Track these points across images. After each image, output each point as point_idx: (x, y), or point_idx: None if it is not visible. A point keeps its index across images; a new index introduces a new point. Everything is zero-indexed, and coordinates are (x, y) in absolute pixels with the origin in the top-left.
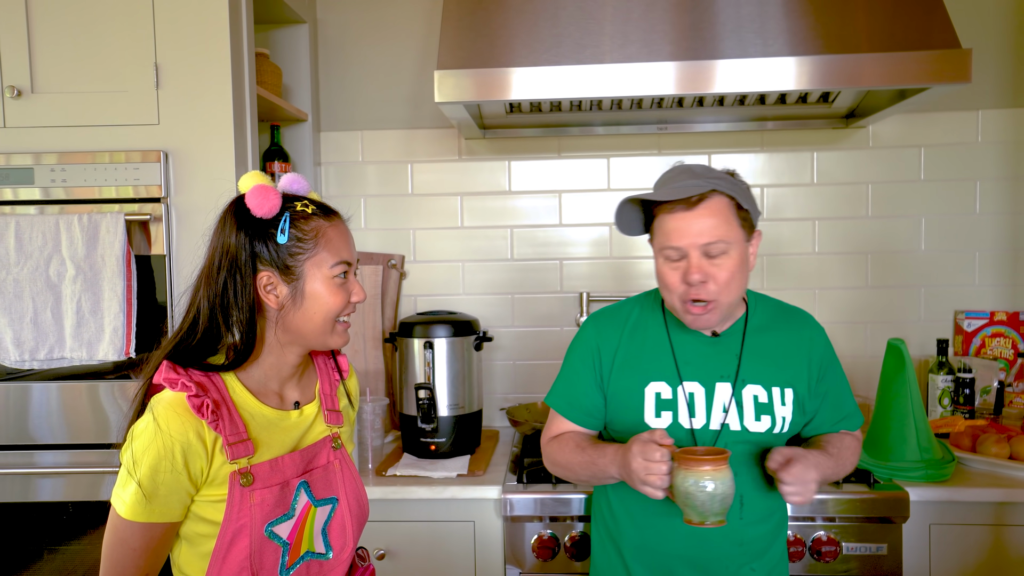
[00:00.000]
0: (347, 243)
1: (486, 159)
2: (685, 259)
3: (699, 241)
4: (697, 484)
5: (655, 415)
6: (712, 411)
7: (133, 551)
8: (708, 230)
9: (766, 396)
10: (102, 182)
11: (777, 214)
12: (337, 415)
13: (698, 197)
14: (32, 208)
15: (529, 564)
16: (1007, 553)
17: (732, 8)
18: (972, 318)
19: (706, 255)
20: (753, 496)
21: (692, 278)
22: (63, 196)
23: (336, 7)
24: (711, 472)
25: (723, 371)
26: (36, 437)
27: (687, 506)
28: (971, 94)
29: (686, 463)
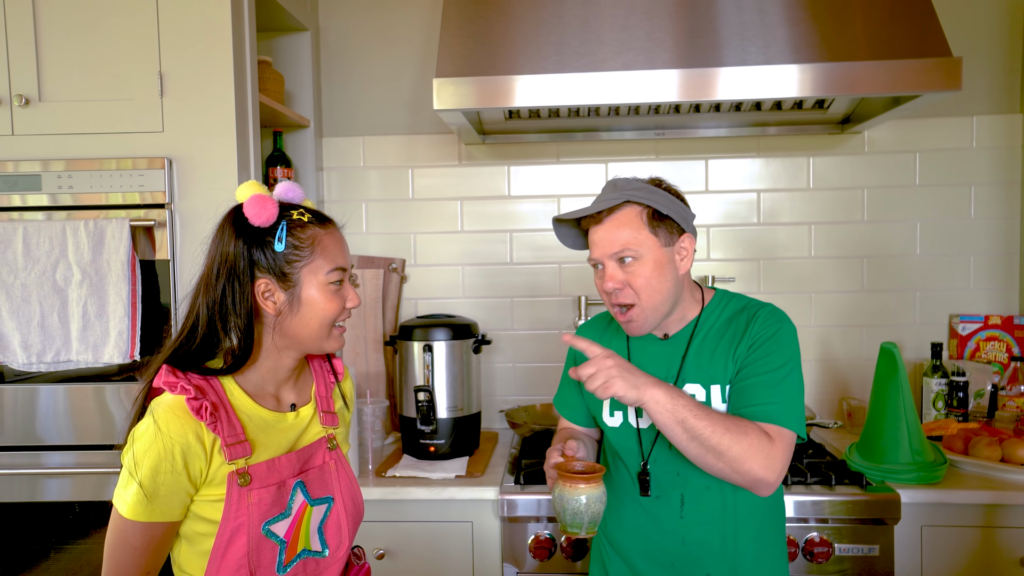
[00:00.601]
0: (342, 250)
1: (486, 164)
2: (604, 268)
3: (609, 251)
4: (570, 499)
5: (610, 414)
6: None
7: (135, 550)
8: (615, 240)
9: (704, 394)
10: (108, 188)
11: (773, 219)
12: (332, 416)
13: (608, 210)
14: (39, 214)
15: (527, 564)
16: (998, 554)
17: (730, 16)
18: (967, 322)
19: (620, 263)
20: (695, 496)
21: (606, 286)
22: (70, 202)
23: (338, 15)
24: (576, 490)
25: (668, 372)
26: (43, 438)
27: (556, 516)
28: (966, 100)
29: (563, 477)
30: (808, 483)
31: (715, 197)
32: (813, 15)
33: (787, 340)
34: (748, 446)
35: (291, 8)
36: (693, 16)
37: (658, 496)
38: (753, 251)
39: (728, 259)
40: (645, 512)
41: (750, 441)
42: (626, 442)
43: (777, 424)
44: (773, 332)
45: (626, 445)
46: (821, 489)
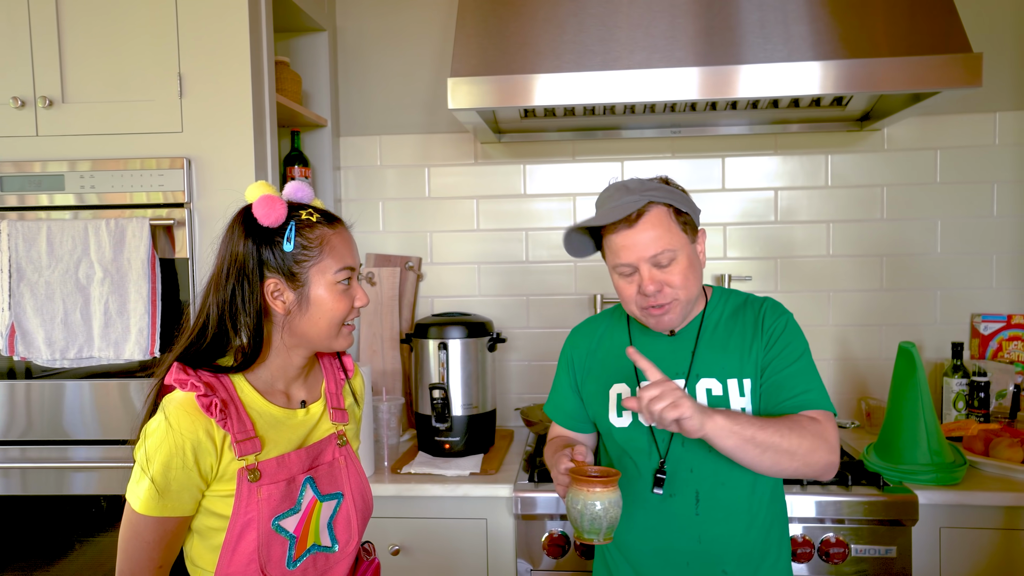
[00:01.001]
0: (350, 249)
1: (501, 163)
2: (636, 272)
3: (646, 255)
4: (586, 504)
5: (617, 415)
6: None
7: (147, 544)
8: (652, 242)
9: (720, 389)
10: (129, 188)
11: (791, 217)
12: (342, 413)
13: (636, 213)
14: (63, 213)
15: (541, 562)
16: (1020, 557)
17: (748, 13)
18: (989, 321)
19: (656, 265)
20: (710, 492)
21: (648, 289)
22: (92, 202)
23: (355, 15)
24: (593, 494)
25: (678, 368)
26: (70, 433)
27: (572, 523)
28: (988, 96)
29: (577, 483)
30: (824, 483)
31: (732, 195)
32: (831, 11)
33: (797, 328)
34: (812, 438)
35: (309, 9)
36: (710, 13)
37: (671, 495)
38: (770, 249)
39: (745, 257)
40: (658, 512)
41: (811, 433)
42: (636, 442)
43: (819, 408)
44: (784, 324)
45: (637, 445)
46: (837, 489)
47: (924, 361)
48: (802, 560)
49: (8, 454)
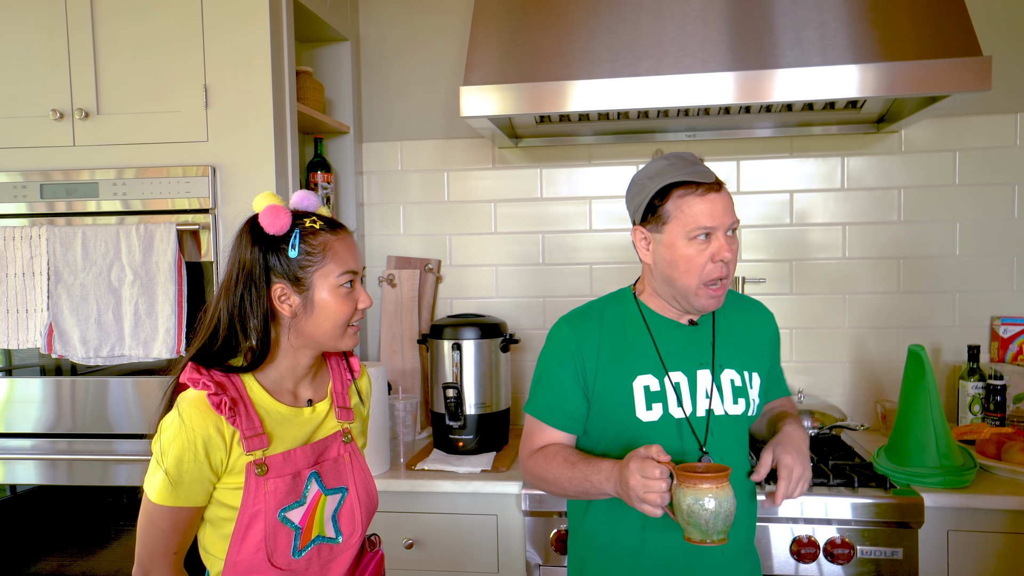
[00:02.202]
0: (352, 254)
1: (518, 167)
2: (709, 241)
3: (726, 221)
4: (698, 502)
5: (646, 408)
6: (697, 398)
7: (163, 531)
8: (731, 210)
9: (740, 380)
10: (157, 195)
11: (806, 219)
12: (348, 412)
13: (715, 181)
14: (98, 219)
15: (549, 557)
16: None
17: (765, 20)
18: (1009, 324)
19: (728, 232)
20: (735, 477)
21: (725, 256)
22: (123, 208)
23: (377, 25)
24: (713, 490)
25: (702, 358)
26: (114, 427)
27: (689, 524)
28: (1009, 97)
29: (687, 480)
30: (831, 484)
31: (747, 198)
32: (846, 18)
33: None
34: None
35: (331, 21)
36: (719, 21)
37: None
38: (785, 252)
39: (760, 260)
40: None
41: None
42: (668, 437)
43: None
44: (776, 326)
45: (668, 441)
46: (844, 490)
47: (942, 364)
48: (807, 560)
49: (56, 446)
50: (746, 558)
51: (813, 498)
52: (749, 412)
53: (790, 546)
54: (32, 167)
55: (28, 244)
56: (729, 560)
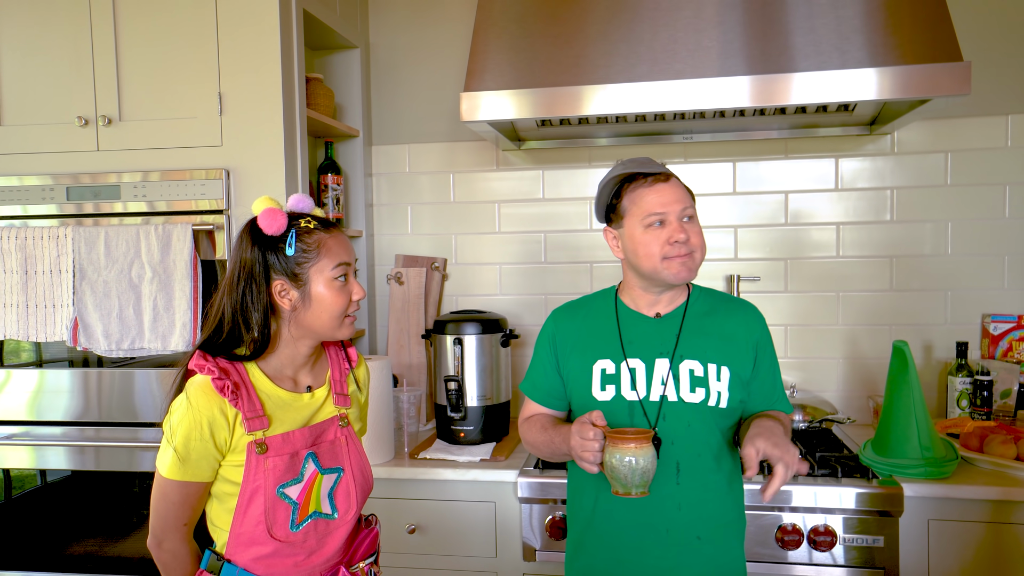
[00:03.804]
0: (345, 248)
1: (521, 169)
2: (663, 226)
3: (677, 207)
4: (621, 460)
5: (600, 388)
6: (652, 384)
7: (173, 504)
8: (683, 197)
9: (702, 370)
10: (175, 197)
11: (800, 219)
12: (345, 398)
13: (664, 172)
14: (119, 219)
15: (543, 542)
16: (1008, 550)
17: (748, 27)
18: (999, 321)
19: (683, 218)
20: (689, 463)
21: (679, 236)
22: (143, 209)
23: (386, 32)
24: (632, 449)
25: (663, 348)
26: (140, 415)
27: (614, 479)
28: (1000, 99)
29: (613, 441)
30: (816, 475)
31: (742, 198)
32: (837, 29)
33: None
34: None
35: (341, 30)
36: (710, 28)
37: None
38: (780, 251)
39: (755, 259)
40: None
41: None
42: (618, 416)
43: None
44: (769, 334)
45: (618, 419)
46: (829, 481)
47: (934, 360)
48: (791, 547)
49: (84, 434)
50: (700, 545)
51: (799, 487)
52: (711, 402)
53: (775, 533)
54: (59, 171)
55: (55, 243)
56: (679, 541)
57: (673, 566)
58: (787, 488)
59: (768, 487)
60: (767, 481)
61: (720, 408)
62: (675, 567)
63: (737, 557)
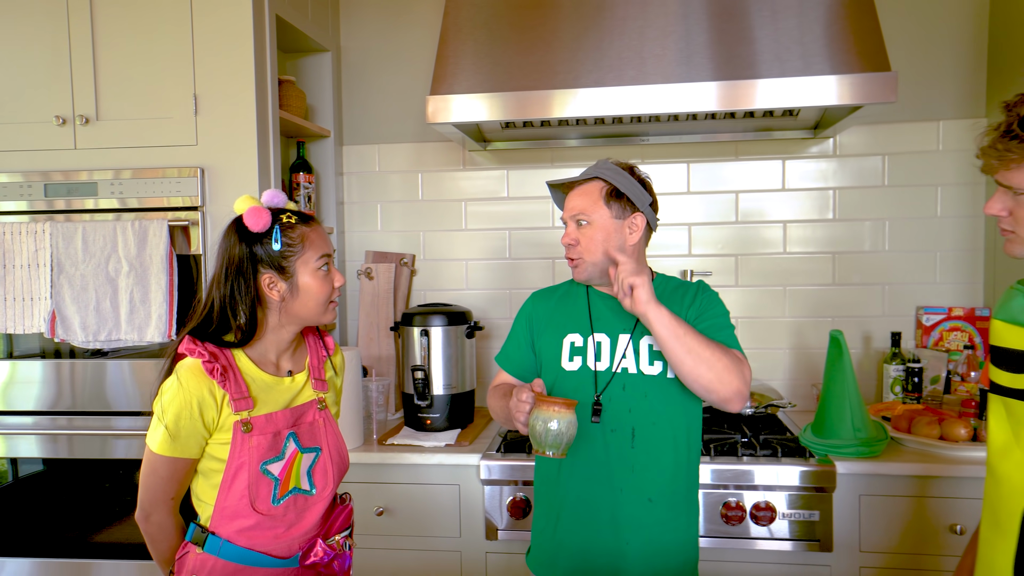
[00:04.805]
0: (325, 240)
1: (487, 169)
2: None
3: (569, 214)
4: (541, 421)
5: (568, 359)
6: (615, 356)
7: (162, 479)
8: (575, 207)
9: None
10: (151, 194)
11: (750, 217)
12: (323, 383)
13: (579, 182)
14: (96, 215)
15: (505, 522)
16: (930, 521)
17: (709, 37)
18: (931, 313)
19: (576, 225)
20: (644, 430)
21: (562, 240)
22: (120, 205)
23: (357, 37)
24: (552, 413)
25: (625, 325)
26: (112, 404)
27: (532, 438)
28: (933, 106)
29: (538, 404)
30: (758, 455)
31: (696, 198)
32: (763, 33)
33: (719, 300)
34: (730, 361)
35: (313, 34)
36: (672, 35)
37: (613, 429)
38: (731, 247)
39: (708, 255)
40: (602, 445)
41: (731, 358)
42: (584, 383)
43: (739, 351)
44: (709, 296)
45: (584, 387)
46: (768, 459)
47: (873, 350)
48: (735, 522)
49: (56, 423)
50: (652, 506)
51: (742, 467)
52: (668, 374)
53: (720, 509)
54: (37, 168)
55: (33, 238)
56: (632, 501)
57: (627, 524)
58: (733, 468)
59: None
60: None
61: (674, 379)
62: (628, 525)
63: (688, 524)
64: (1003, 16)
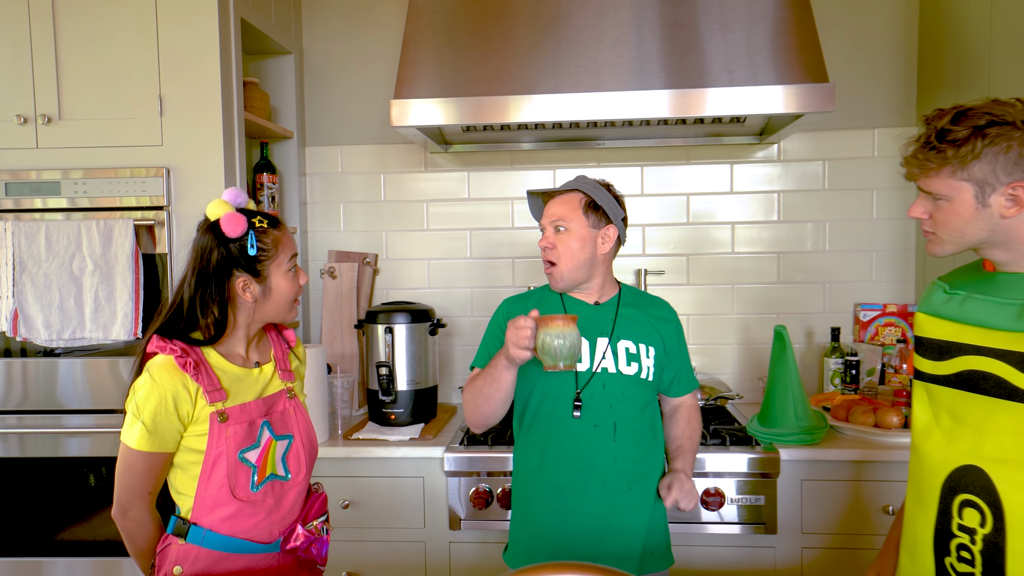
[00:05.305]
0: (292, 241)
1: (448, 170)
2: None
3: (549, 220)
4: (553, 336)
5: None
6: (595, 358)
7: (139, 474)
8: (555, 213)
9: (635, 348)
10: (116, 193)
11: (700, 219)
12: (289, 374)
13: (560, 191)
14: (59, 215)
15: (467, 512)
16: (865, 503)
17: (661, 47)
18: (868, 310)
19: (556, 230)
20: (624, 424)
21: (540, 243)
22: (84, 205)
23: (319, 39)
24: (560, 328)
25: (602, 329)
26: (63, 403)
27: (545, 354)
28: (868, 115)
29: (544, 323)
30: (708, 444)
31: (649, 200)
32: (713, 44)
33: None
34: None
35: (276, 36)
36: (626, 45)
37: (596, 425)
38: (682, 247)
39: (661, 254)
40: (586, 440)
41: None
42: (566, 382)
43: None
44: (681, 335)
45: (566, 385)
46: (718, 448)
47: (815, 344)
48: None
49: (6, 422)
50: (631, 493)
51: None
52: (643, 375)
53: None
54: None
55: None
56: (614, 490)
57: (609, 511)
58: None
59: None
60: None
61: (649, 380)
62: (611, 511)
63: (660, 506)
64: (930, 32)
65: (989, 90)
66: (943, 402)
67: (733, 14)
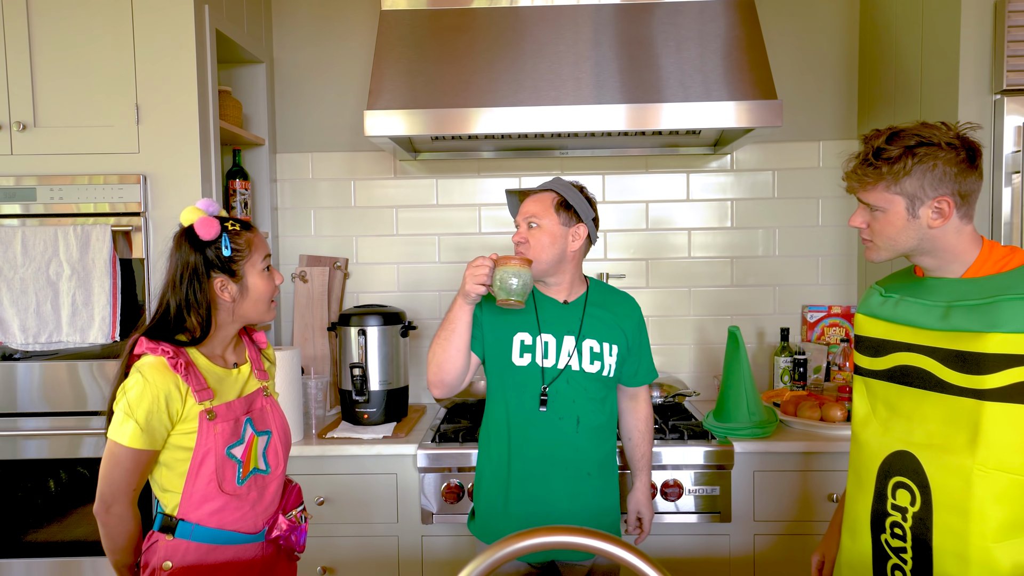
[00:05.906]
0: (264, 242)
1: (417, 177)
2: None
3: (523, 216)
4: (510, 273)
5: (519, 356)
6: (560, 355)
7: (126, 471)
8: (529, 211)
9: (599, 347)
10: (93, 200)
11: (659, 225)
12: (263, 373)
13: (536, 190)
14: (36, 221)
15: (439, 507)
16: (812, 492)
17: (618, 63)
18: (814, 311)
19: (528, 226)
20: (585, 418)
21: (514, 239)
22: (61, 211)
23: (289, 48)
24: (515, 267)
25: (570, 327)
26: (19, 407)
27: (500, 289)
28: (814, 128)
29: (502, 262)
30: (667, 439)
31: (611, 207)
32: (669, 61)
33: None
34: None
35: (247, 46)
36: (584, 60)
37: (561, 418)
38: (642, 252)
39: (621, 259)
40: (551, 431)
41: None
42: (532, 378)
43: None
44: (644, 331)
45: (532, 380)
46: (676, 442)
47: (766, 344)
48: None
49: None
50: (590, 480)
51: (654, 449)
52: (604, 372)
53: None
54: None
55: None
56: (575, 476)
57: (571, 495)
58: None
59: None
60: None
61: (609, 377)
62: (572, 495)
63: (614, 491)
64: (869, 53)
65: (922, 105)
66: (879, 394)
67: (687, 33)
